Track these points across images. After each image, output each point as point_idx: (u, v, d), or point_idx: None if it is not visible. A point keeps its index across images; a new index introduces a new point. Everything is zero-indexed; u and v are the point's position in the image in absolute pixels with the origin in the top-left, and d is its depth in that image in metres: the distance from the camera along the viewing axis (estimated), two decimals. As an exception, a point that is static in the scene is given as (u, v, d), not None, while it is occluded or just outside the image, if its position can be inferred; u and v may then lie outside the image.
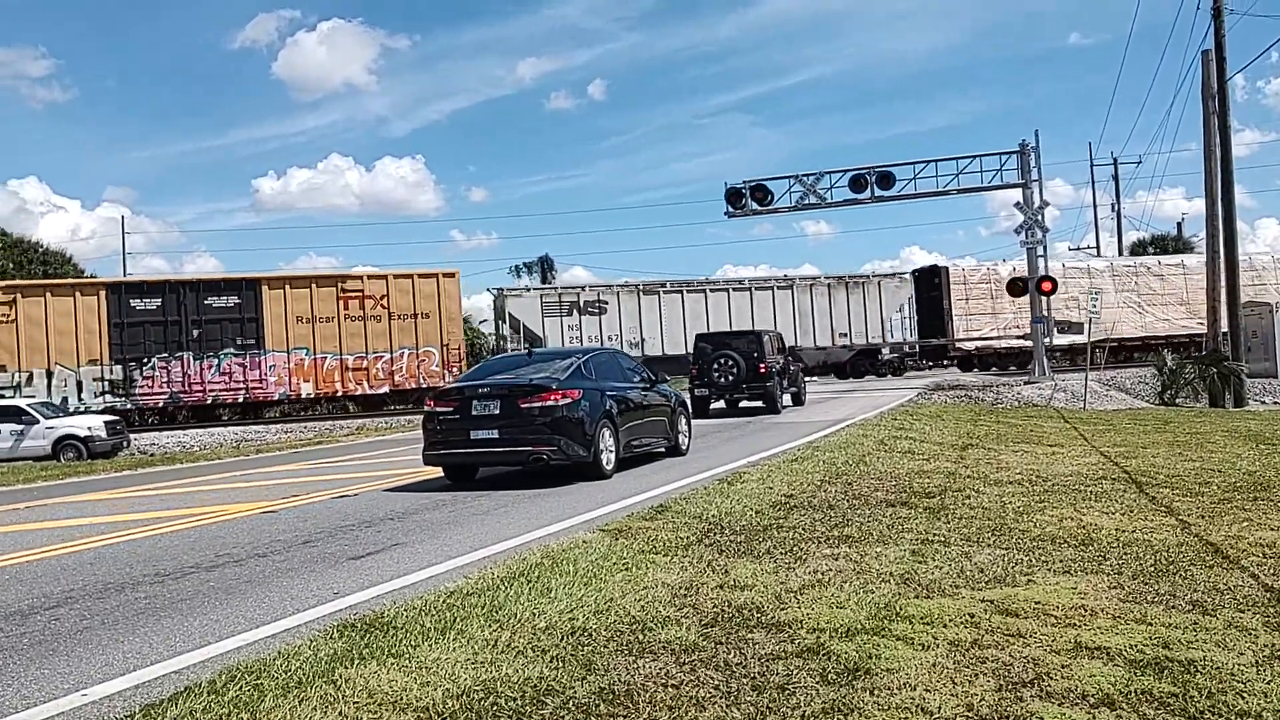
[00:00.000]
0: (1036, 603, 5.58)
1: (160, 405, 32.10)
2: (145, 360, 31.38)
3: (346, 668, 4.65)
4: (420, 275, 34.72)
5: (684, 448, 14.87)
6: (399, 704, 4.20)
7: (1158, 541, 7.34)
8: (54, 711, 4.37)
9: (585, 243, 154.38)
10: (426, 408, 12.69)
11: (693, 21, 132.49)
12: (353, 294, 33.82)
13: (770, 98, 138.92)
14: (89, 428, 25.16)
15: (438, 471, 13.05)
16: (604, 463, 12.21)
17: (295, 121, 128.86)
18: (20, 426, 24.76)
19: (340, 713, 4.13)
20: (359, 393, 34.07)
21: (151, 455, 24.98)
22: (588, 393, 12.26)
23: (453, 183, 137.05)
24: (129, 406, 31.02)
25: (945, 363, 45.25)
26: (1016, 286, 33.52)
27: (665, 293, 40.94)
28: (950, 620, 5.26)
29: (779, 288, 41.84)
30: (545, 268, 73.15)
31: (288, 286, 33.36)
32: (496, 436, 11.93)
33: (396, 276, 34.61)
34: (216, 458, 22.06)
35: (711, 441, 16.94)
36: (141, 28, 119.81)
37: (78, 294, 31.41)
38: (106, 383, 30.96)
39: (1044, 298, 33.29)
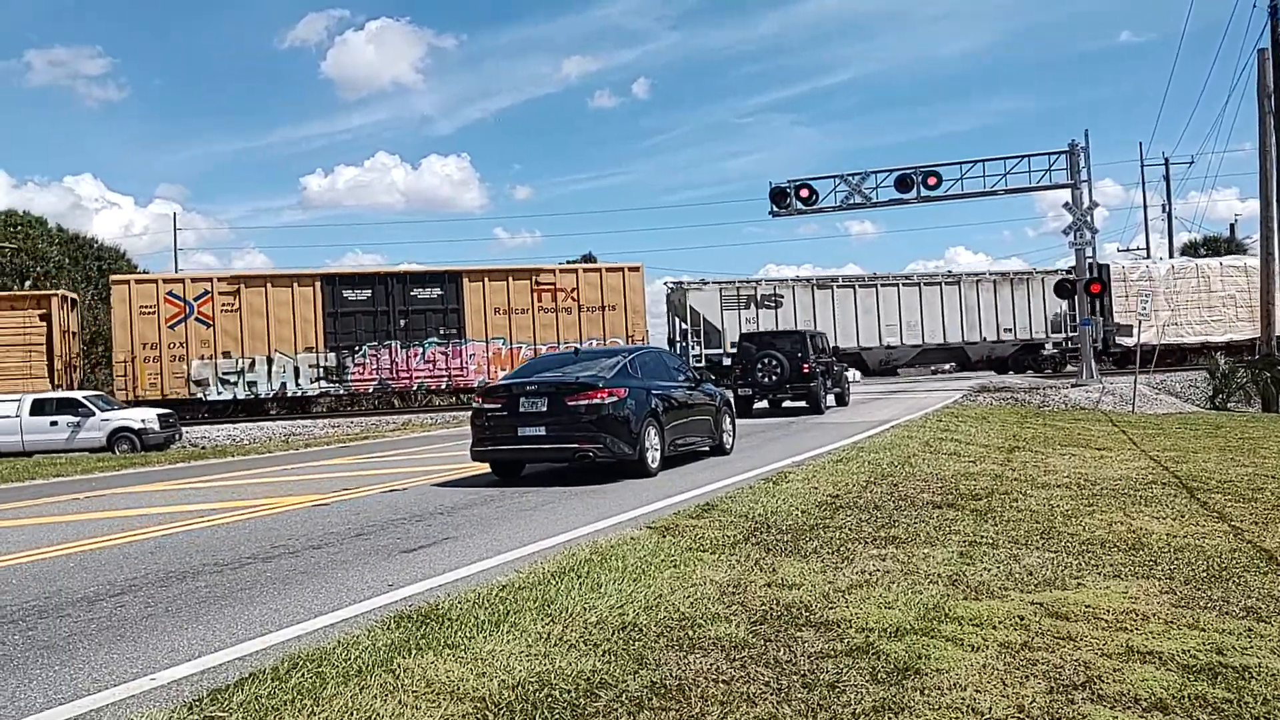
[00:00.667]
0: (1087, 606, 5.57)
1: (370, 391, 34.21)
2: (356, 348, 33.25)
3: (404, 657, 4.77)
4: (607, 269, 36.24)
5: (728, 447, 14.91)
6: (456, 694, 4.30)
7: (1210, 547, 7.28)
8: (125, 694, 4.52)
9: (627, 241, 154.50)
10: (475, 404, 12.84)
11: (735, 21, 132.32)
12: (545, 287, 35.27)
13: (812, 97, 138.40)
14: (142, 420, 25.67)
15: (484, 467, 13.20)
16: (649, 461, 12.29)
17: (343, 120, 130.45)
18: (77, 418, 25.33)
19: (400, 701, 4.23)
20: None
21: (202, 448, 25.45)
22: (633, 391, 12.34)
23: (497, 181, 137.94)
24: (342, 392, 33.47)
25: (1105, 359, 44.57)
26: (1064, 288, 33.14)
27: (838, 287, 41.72)
28: (1000, 622, 5.27)
29: (946, 283, 42.31)
30: (588, 267, 73.17)
31: (486, 279, 34.98)
32: (543, 433, 12.05)
33: (586, 270, 36.44)
34: (266, 451, 22.42)
35: (755, 441, 16.96)
36: (194, 28, 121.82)
37: (295, 285, 33.35)
38: (321, 369, 32.88)
39: (1092, 299, 32.91)
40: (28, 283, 50.48)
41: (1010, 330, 42.12)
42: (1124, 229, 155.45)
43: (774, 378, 23.79)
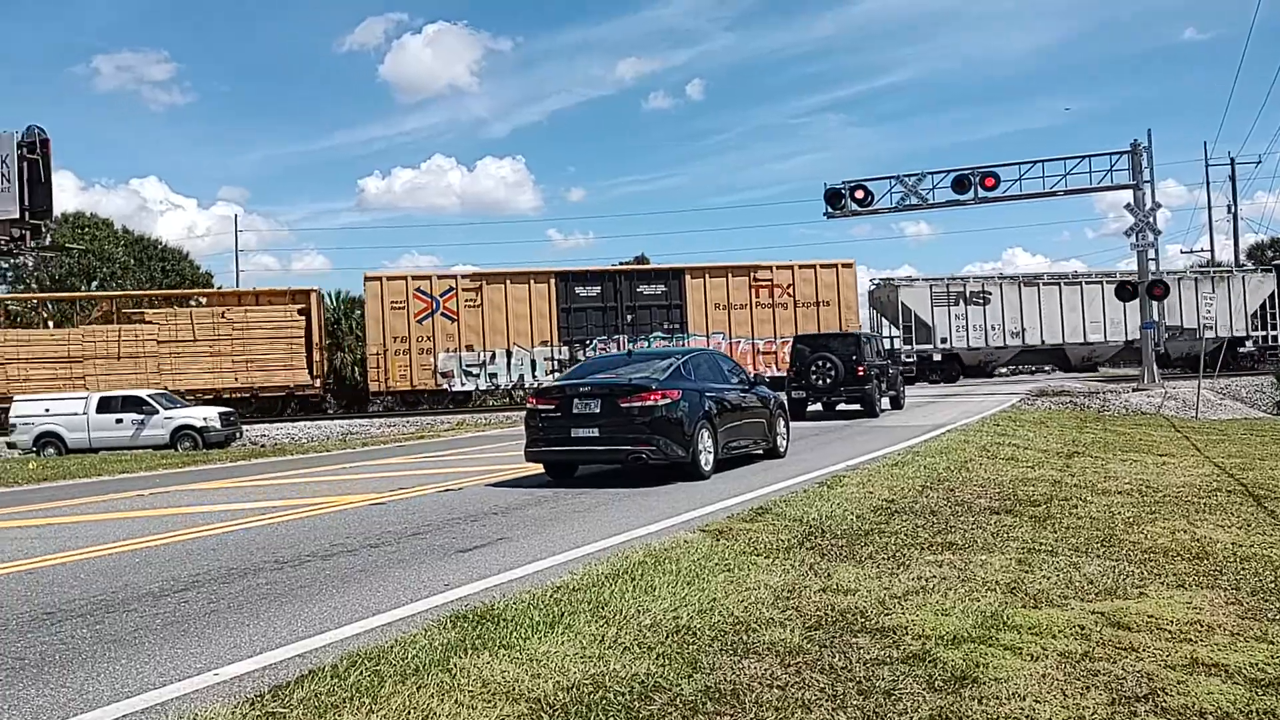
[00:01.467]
0: (1149, 616, 5.47)
1: None
2: (587, 341, 34.85)
3: (460, 657, 4.81)
4: (821, 266, 37.23)
5: (782, 450, 14.84)
6: (511, 694, 4.34)
7: (1278, 557, 7.11)
8: (189, 689, 4.62)
9: (680, 242, 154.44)
10: (529, 405, 12.91)
11: (790, 22, 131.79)
12: (763, 283, 36.75)
13: (866, 98, 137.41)
14: (204, 419, 26.19)
15: (537, 467, 13.27)
16: (702, 463, 12.27)
17: (400, 122, 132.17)
18: (141, 416, 25.92)
19: (456, 701, 4.28)
20: (769, 375, 36.49)
21: (262, 447, 25.89)
22: (687, 393, 12.33)
23: (552, 183, 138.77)
24: None
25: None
26: (1126, 290, 32.52)
27: (1044, 285, 42.26)
28: (1059, 631, 5.19)
29: None
30: (640, 268, 73.40)
31: (707, 276, 36.47)
32: (597, 435, 12.09)
33: (801, 267, 37.22)
34: (324, 450, 22.75)
35: (809, 444, 16.86)
36: (257, 33, 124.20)
37: (532, 281, 35.30)
38: (555, 362, 34.36)
39: (1154, 302, 32.25)
40: (94, 283, 51.78)
41: (1211, 328, 41.96)
42: (1187, 230, 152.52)
43: (828, 380, 23.60)
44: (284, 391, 34.65)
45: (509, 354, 34.64)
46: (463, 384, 34.36)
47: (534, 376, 33.84)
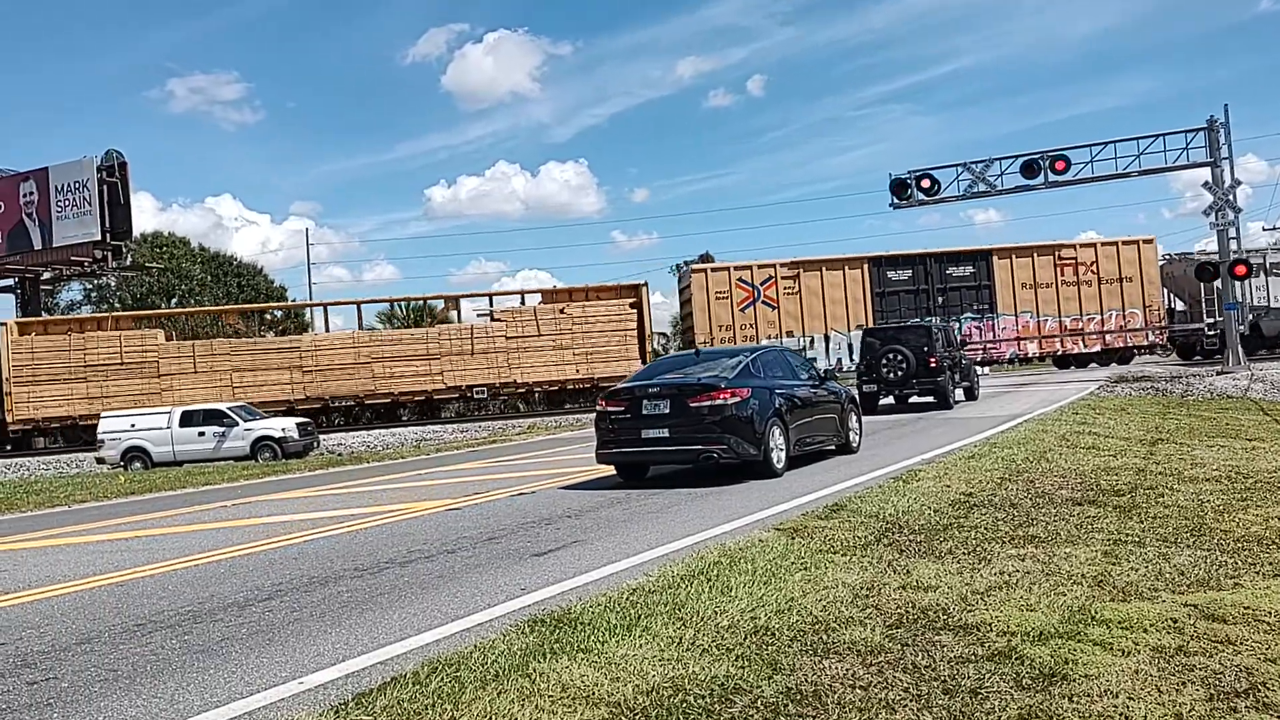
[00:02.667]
0: (1246, 608, 5.28)
1: None
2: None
3: (539, 662, 4.82)
4: (1123, 243, 38.61)
5: (855, 445, 14.66)
6: (591, 699, 4.33)
7: (1381, 544, 6.82)
8: (276, 697, 4.70)
9: (744, 239, 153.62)
10: (599, 408, 12.93)
11: (847, 13, 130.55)
12: (1067, 261, 38.14)
13: (928, 86, 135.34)
14: (283, 429, 26.75)
15: (609, 470, 13.29)
16: (774, 461, 12.17)
17: (463, 131, 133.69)
18: (222, 429, 26.55)
19: (536, 706, 4.28)
20: (1074, 352, 38.78)
21: (339, 455, 26.34)
22: (756, 391, 12.25)
23: (615, 184, 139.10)
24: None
25: None
26: (1207, 271, 31.56)
27: None
28: (1151, 625, 5.04)
29: None
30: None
31: (1013, 256, 37.97)
32: (667, 435, 12.06)
33: (1103, 244, 38.80)
34: (400, 457, 23.08)
35: (882, 439, 16.64)
36: (322, 50, 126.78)
37: (845, 268, 37.22)
38: None
39: (1237, 282, 31.27)
40: (174, 300, 53.19)
41: None
42: (1269, 206, 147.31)
43: (900, 373, 23.29)
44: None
45: (827, 339, 36.49)
46: None
47: (850, 360, 34.70)
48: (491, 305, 38.37)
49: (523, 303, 38.38)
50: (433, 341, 35.97)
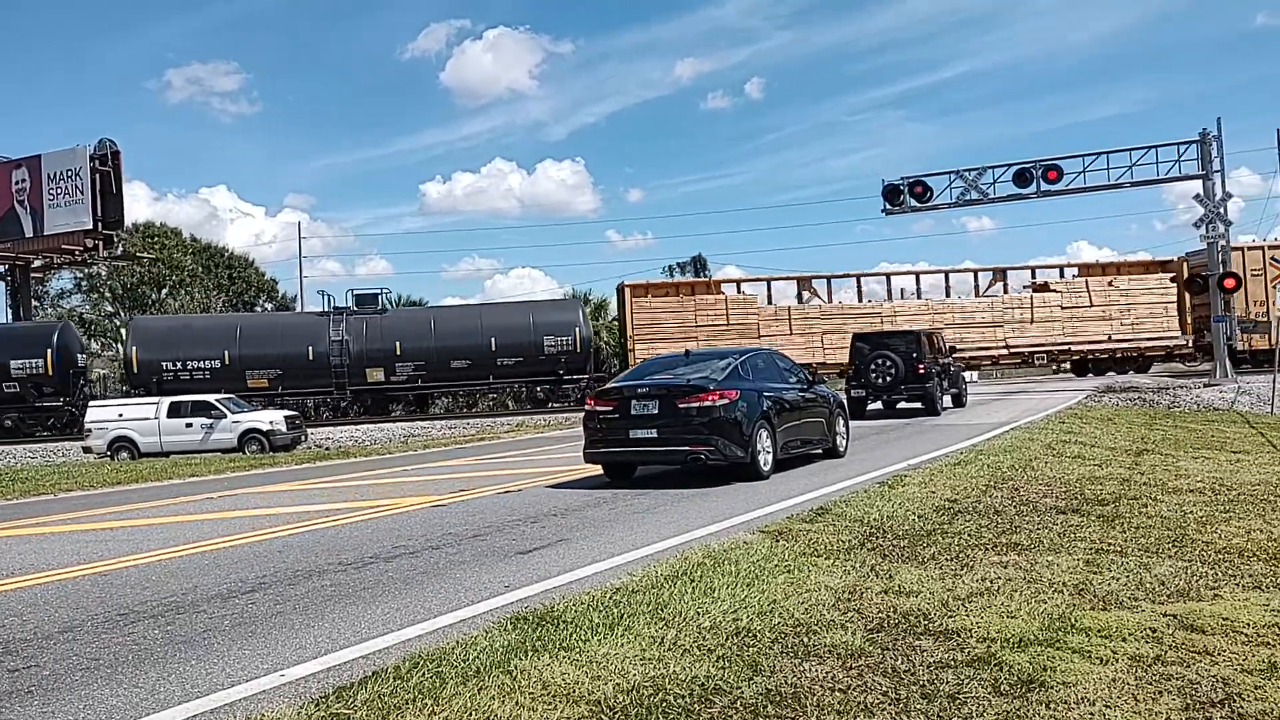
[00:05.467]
0: (1224, 619, 5.32)
1: None
2: None
3: (521, 659, 4.84)
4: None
5: (842, 449, 14.70)
6: (571, 696, 4.35)
7: (1360, 558, 6.87)
8: (257, 690, 4.70)
9: (738, 241, 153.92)
10: (588, 407, 12.95)
11: (846, 18, 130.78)
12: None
13: (925, 93, 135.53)
14: (270, 423, 26.67)
15: (596, 469, 13.30)
16: (761, 463, 12.19)
17: (460, 127, 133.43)
18: (210, 420, 26.47)
19: (517, 702, 4.30)
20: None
21: (326, 450, 26.30)
22: (745, 393, 12.27)
23: (611, 184, 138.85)
24: None
25: None
26: (1195, 284, 31.73)
27: None
28: (1130, 634, 5.07)
29: None
30: (698, 268, 73.53)
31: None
32: (655, 436, 12.08)
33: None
34: (387, 452, 23.05)
35: (869, 443, 16.69)
36: (322, 43, 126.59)
37: None
38: None
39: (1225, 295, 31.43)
40: (164, 290, 53.02)
41: None
42: (1260, 220, 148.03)
43: (888, 378, 23.34)
44: (1163, 351, 42.20)
45: None
46: None
47: None
48: (1034, 278, 44.01)
49: (1061, 275, 43.98)
50: (996, 310, 41.92)
